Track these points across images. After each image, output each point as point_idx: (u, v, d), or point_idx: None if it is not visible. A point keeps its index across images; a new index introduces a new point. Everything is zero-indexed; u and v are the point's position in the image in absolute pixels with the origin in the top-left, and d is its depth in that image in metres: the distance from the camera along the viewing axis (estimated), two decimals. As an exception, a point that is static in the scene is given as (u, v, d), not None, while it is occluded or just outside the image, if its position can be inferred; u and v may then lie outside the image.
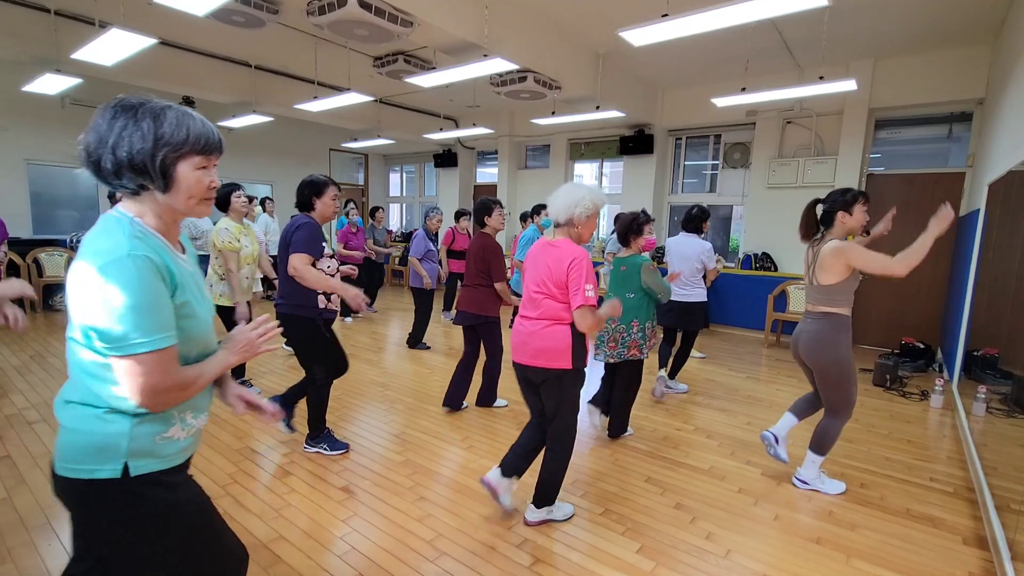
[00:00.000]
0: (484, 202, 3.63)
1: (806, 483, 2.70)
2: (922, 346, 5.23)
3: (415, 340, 5.46)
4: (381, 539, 2.15)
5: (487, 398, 3.75)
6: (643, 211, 3.28)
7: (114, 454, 0.99)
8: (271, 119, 7.37)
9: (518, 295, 3.08)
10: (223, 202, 3.53)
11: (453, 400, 3.65)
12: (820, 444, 2.64)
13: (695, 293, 4.15)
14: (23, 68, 5.60)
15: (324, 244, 2.74)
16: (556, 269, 2.12)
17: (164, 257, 1.01)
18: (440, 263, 5.69)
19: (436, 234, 5.68)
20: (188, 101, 8.06)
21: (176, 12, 3.81)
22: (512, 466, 2.31)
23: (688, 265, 4.10)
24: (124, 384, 0.96)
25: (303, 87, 7.00)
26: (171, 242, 1.08)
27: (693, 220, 4.19)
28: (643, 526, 2.32)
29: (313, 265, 2.66)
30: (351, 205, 6.87)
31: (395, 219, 12.03)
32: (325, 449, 2.91)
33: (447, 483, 2.65)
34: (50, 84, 5.38)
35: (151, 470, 1.03)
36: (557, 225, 2.22)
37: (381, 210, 7.49)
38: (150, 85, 6.08)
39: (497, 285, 3.50)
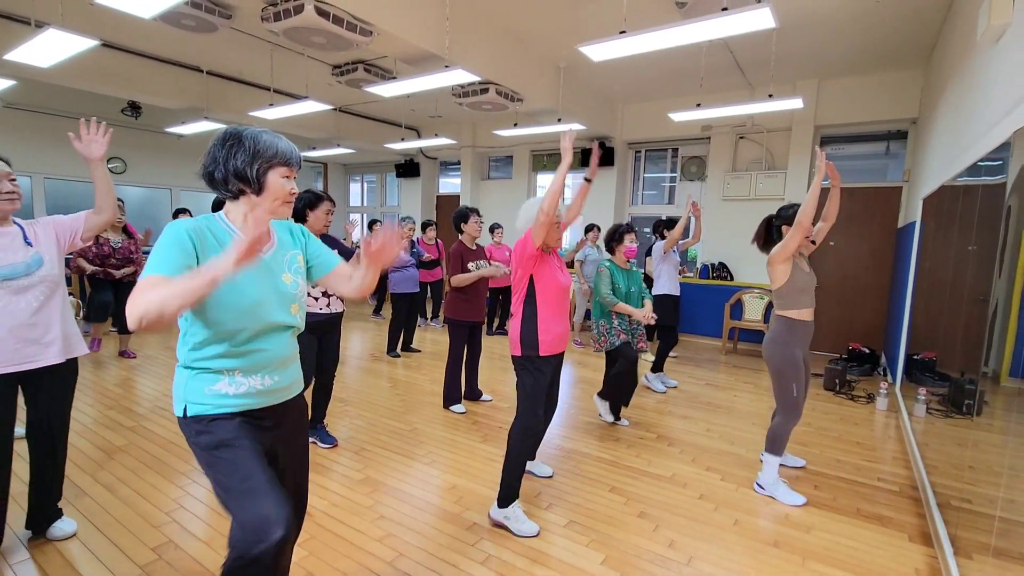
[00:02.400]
0: (462, 210, 3.88)
1: (763, 488, 2.77)
2: (868, 351, 5.48)
3: (391, 348, 5.53)
4: (339, 562, 2.07)
5: (445, 399, 3.93)
6: (626, 223, 3.66)
7: (179, 397, 1.33)
8: (224, 126, 7.13)
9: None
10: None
11: (450, 399, 3.88)
12: (772, 444, 2.74)
13: (657, 286, 4.81)
14: (-51, 68, 5.23)
15: None
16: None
17: (215, 234, 1.30)
18: (418, 268, 5.74)
19: (412, 243, 5.64)
20: (134, 106, 7.72)
21: (120, 13, 3.65)
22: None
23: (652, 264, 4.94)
24: None
25: (258, 94, 6.81)
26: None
27: (656, 228, 5.04)
28: (608, 536, 2.31)
29: None
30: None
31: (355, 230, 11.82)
32: (317, 443, 3.16)
33: (408, 500, 2.58)
34: (-20, 85, 5.05)
35: (201, 413, 1.30)
36: None
37: (379, 223, 7.59)
38: (92, 88, 5.78)
39: (452, 280, 3.75)
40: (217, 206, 2.93)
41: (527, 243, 2.30)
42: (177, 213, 6.49)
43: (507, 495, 2.33)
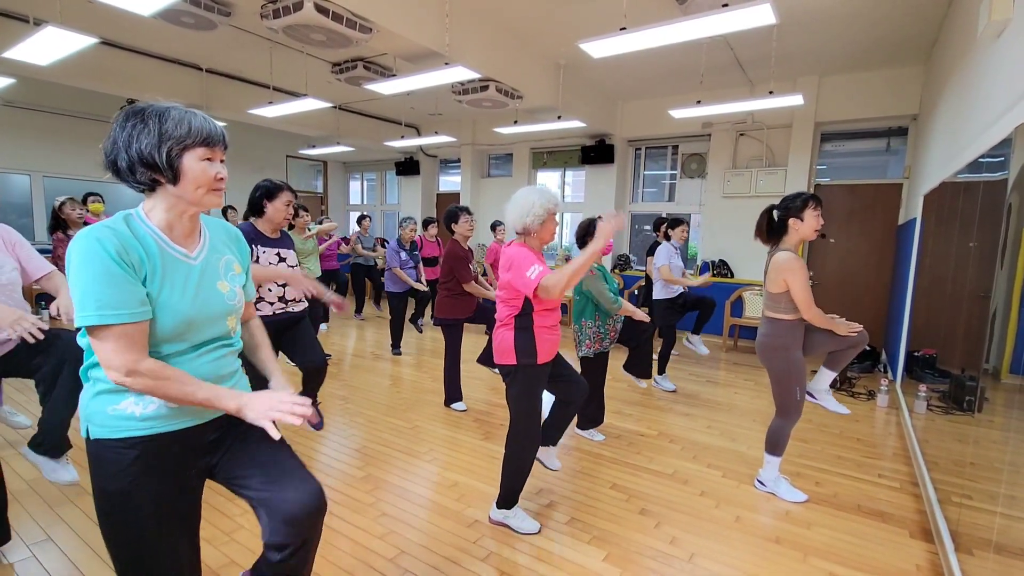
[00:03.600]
0: (451, 210, 3.78)
1: (764, 485, 2.78)
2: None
3: (394, 345, 5.56)
4: (341, 559, 2.07)
5: (446, 398, 3.92)
6: (599, 216, 3.29)
7: (83, 416, 1.14)
8: (224, 124, 7.09)
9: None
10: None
11: (451, 397, 3.88)
12: (772, 445, 2.72)
13: (656, 289, 4.60)
14: (-53, 66, 5.22)
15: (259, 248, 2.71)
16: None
17: (141, 241, 1.10)
18: (417, 270, 5.68)
19: (411, 243, 5.62)
20: (133, 104, 7.69)
21: (119, 11, 3.63)
22: (546, 436, 2.55)
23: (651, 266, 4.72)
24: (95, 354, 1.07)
25: (258, 91, 6.79)
26: (175, 238, 1.17)
27: (657, 226, 4.81)
28: (609, 533, 2.32)
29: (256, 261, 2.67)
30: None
31: (354, 227, 11.79)
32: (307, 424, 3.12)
33: (410, 497, 2.58)
34: (-22, 84, 5.04)
35: (104, 437, 1.11)
36: (518, 234, 2.26)
37: (368, 219, 7.52)
38: (91, 87, 5.77)
39: (466, 286, 3.69)
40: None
41: (523, 279, 2.08)
42: None
43: (508, 499, 2.32)
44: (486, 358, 4.41)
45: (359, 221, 7.49)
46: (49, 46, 3.96)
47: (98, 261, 1.02)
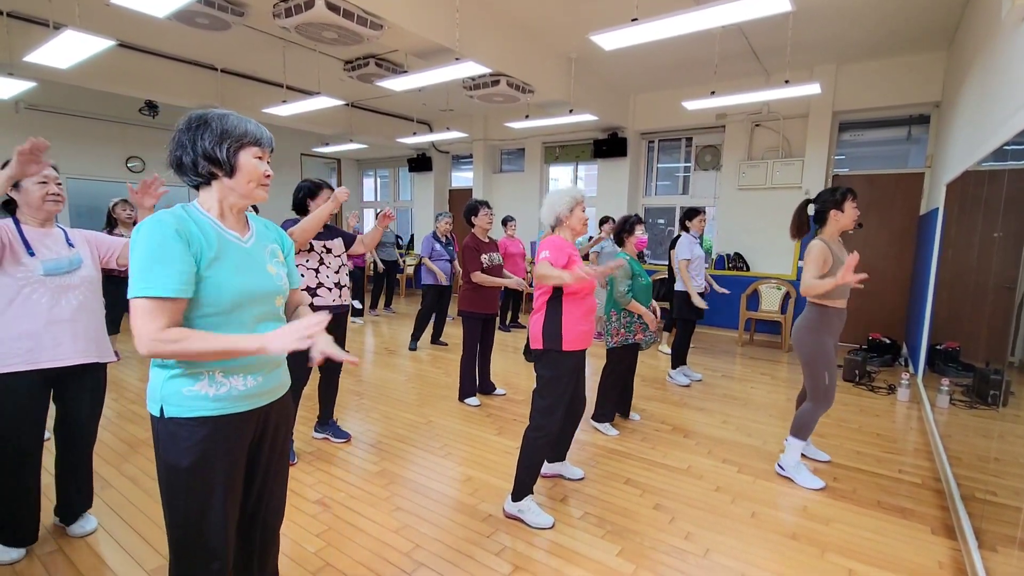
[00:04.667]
0: (471, 204, 3.92)
1: (783, 470, 2.79)
2: (888, 341, 5.38)
3: (414, 340, 5.63)
4: (357, 552, 2.10)
5: (460, 392, 3.97)
6: (635, 214, 3.59)
7: (155, 397, 1.24)
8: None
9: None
10: None
11: (465, 392, 3.92)
12: (798, 429, 2.77)
13: (677, 282, 4.56)
14: (-28, 71, 5.35)
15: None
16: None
17: (199, 225, 1.24)
18: (452, 263, 5.74)
19: (446, 237, 5.64)
20: (151, 105, 7.83)
21: (135, 13, 3.69)
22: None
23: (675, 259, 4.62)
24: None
25: (272, 91, 6.86)
26: (228, 225, 1.31)
27: (682, 220, 4.72)
28: (623, 528, 2.31)
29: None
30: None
31: (369, 224, 11.89)
32: (330, 438, 3.18)
33: (425, 492, 2.60)
34: (3, 88, 5.15)
35: (178, 416, 1.22)
36: (552, 229, 2.44)
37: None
38: (110, 88, 5.87)
39: (473, 276, 3.76)
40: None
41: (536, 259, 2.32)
42: None
43: (520, 490, 2.34)
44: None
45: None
46: (69, 49, 4.04)
47: (158, 235, 1.16)
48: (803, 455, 2.90)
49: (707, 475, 2.84)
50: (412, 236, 10.49)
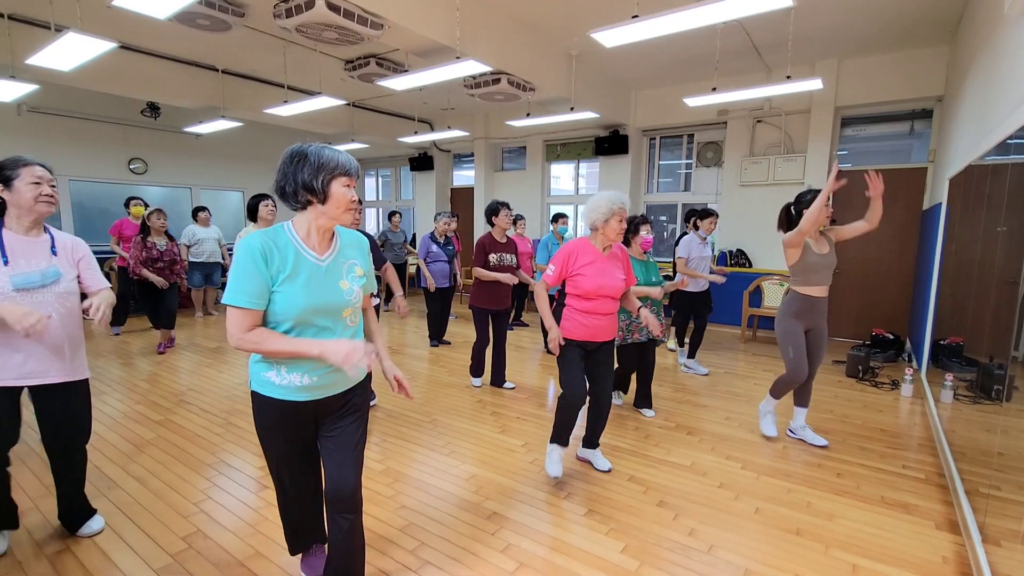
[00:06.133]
0: (492, 205, 4.10)
1: (760, 413, 3.37)
2: (892, 337, 5.37)
3: (432, 337, 5.77)
4: (362, 550, 2.11)
5: (470, 368, 4.30)
6: (641, 215, 3.62)
7: (251, 373, 1.60)
8: (240, 124, 7.22)
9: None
10: (252, 211, 3.60)
11: (474, 372, 4.27)
12: (775, 391, 3.23)
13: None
14: (-25, 74, 5.37)
15: None
16: None
17: (280, 247, 1.46)
18: (451, 264, 5.74)
19: (445, 237, 5.62)
20: (153, 107, 7.85)
21: (137, 15, 3.70)
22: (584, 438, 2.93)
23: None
24: None
25: (273, 91, 6.87)
26: (311, 244, 1.52)
27: (688, 218, 4.80)
28: (627, 525, 2.32)
29: None
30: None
31: (371, 224, 11.89)
32: None
33: (429, 490, 2.61)
34: (5, 91, 5.17)
35: (258, 392, 1.57)
36: (592, 230, 2.63)
37: (399, 215, 7.64)
38: (112, 91, 5.89)
39: (473, 271, 4.03)
40: (252, 212, 3.48)
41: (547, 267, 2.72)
42: (196, 212, 6.67)
43: (553, 436, 2.70)
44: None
45: (390, 217, 7.65)
46: (71, 52, 4.05)
47: (246, 255, 1.42)
48: (801, 439, 3.26)
49: (710, 472, 2.85)
50: (414, 235, 10.50)
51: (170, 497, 2.50)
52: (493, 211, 4.07)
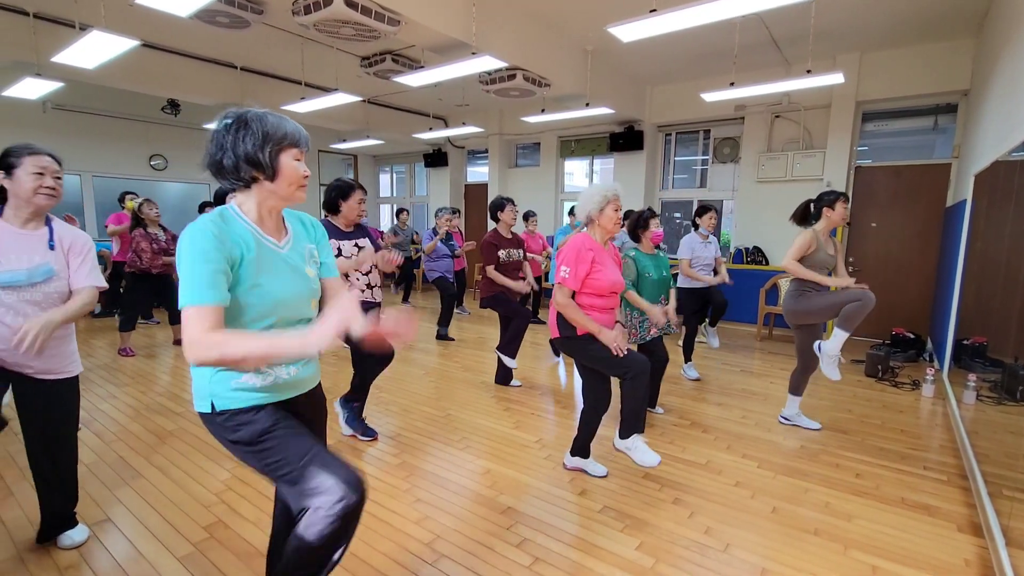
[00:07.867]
0: (498, 201, 4.12)
1: (788, 420, 3.43)
2: (912, 336, 5.28)
3: (445, 328, 5.81)
4: (378, 543, 2.13)
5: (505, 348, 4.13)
6: (648, 208, 3.57)
7: (203, 395, 1.29)
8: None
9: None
10: (220, 202, 3.53)
11: (505, 351, 4.14)
12: (792, 386, 3.40)
13: (681, 279, 4.40)
14: (2, 73, 5.49)
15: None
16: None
17: (236, 234, 1.23)
18: (455, 258, 5.83)
19: (447, 234, 5.68)
20: (173, 104, 7.97)
21: (158, 13, 3.76)
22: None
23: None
24: None
25: (290, 88, 6.94)
26: (267, 230, 1.31)
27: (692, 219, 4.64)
28: (642, 523, 2.32)
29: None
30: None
31: (385, 220, 11.97)
32: (358, 436, 3.18)
33: (444, 484, 2.63)
34: (30, 88, 5.30)
35: (230, 407, 1.28)
36: (585, 225, 2.57)
37: (406, 212, 7.71)
38: (134, 88, 6.00)
39: (487, 271, 4.02)
40: (219, 199, 3.20)
41: (558, 269, 2.49)
42: (203, 207, 6.66)
43: (576, 448, 2.71)
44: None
45: (397, 215, 7.69)
46: (95, 50, 4.13)
47: (201, 240, 1.16)
48: (796, 424, 3.43)
49: (726, 470, 2.83)
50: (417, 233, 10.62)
51: (192, 487, 2.55)
52: (499, 207, 4.10)
